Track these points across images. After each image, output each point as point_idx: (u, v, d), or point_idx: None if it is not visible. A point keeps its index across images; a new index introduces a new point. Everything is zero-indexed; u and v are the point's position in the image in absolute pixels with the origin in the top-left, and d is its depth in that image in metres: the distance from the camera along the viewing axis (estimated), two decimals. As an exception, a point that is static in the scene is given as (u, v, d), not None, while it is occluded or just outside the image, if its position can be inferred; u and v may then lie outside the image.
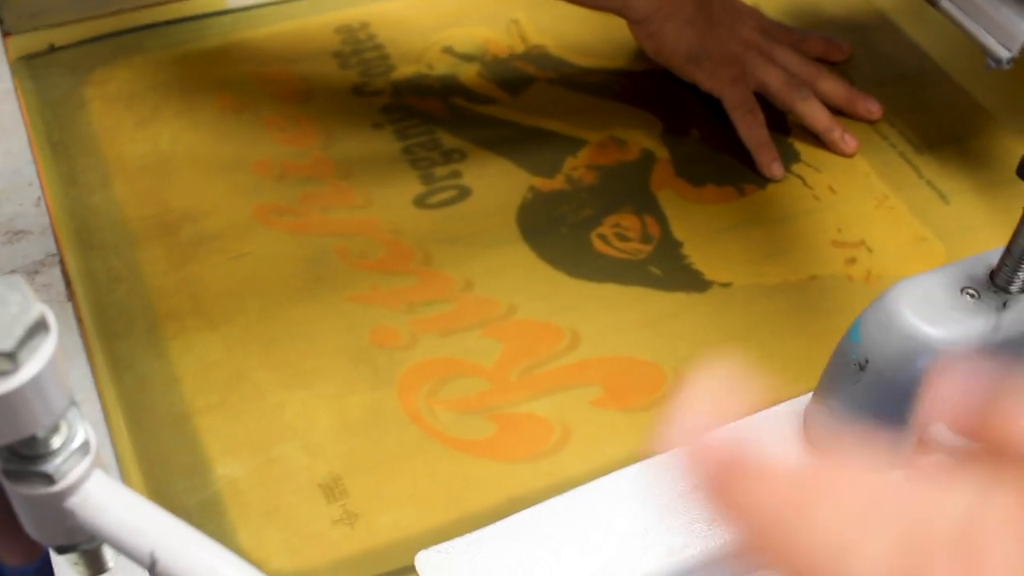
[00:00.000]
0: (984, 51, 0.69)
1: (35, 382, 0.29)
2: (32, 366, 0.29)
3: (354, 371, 0.62)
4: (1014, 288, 0.47)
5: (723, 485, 0.28)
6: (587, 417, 0.61)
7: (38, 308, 0.30)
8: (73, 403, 0.33)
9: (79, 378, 0.58)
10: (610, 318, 0.65)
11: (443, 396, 0.61)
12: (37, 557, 0.36)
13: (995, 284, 0.47)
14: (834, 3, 0.87)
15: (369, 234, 0.69)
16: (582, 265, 0.68)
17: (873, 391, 0.47)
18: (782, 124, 0.77)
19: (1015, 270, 0.46)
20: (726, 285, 0.67)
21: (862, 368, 0.47)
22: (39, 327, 0.30)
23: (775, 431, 0.51)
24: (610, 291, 0.67)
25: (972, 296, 0.47)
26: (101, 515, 0.33)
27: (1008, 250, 0.46)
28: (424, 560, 0.45)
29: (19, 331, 0.29)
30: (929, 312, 0.46)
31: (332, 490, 0.57)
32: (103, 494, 0.33)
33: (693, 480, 0.29)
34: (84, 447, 0.33)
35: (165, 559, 0.32)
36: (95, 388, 0.59)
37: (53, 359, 0.30)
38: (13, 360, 0.29)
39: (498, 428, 0.60)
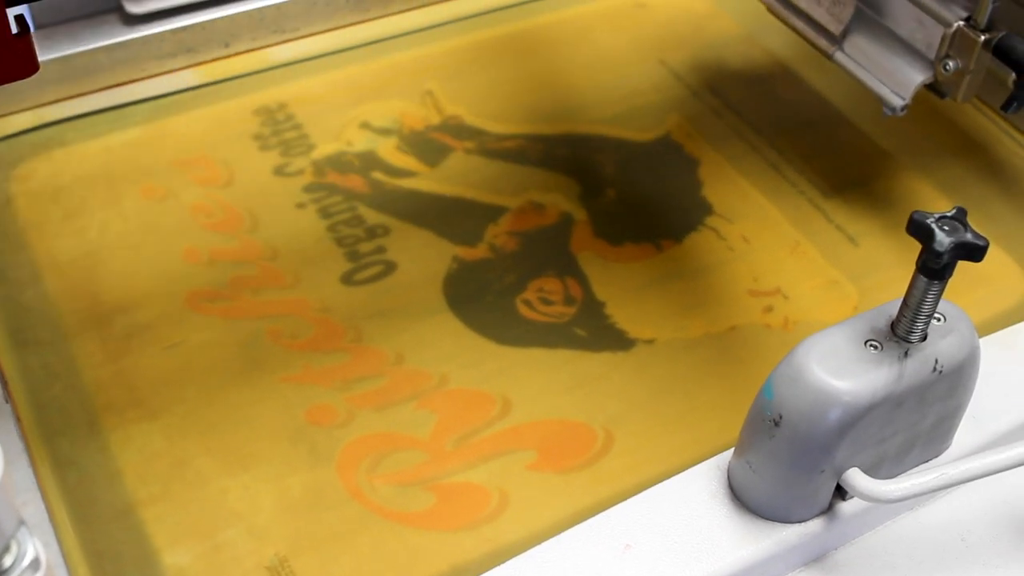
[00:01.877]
0: (880, 100, 0.72)
1: (-15, 510, 0.31)
2: (-19, 495, 0.31)
3: (293, 452, 0.63)
4: (913, 338, 0.49)
5: None
6: (524, 481, 0.62)
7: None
8: (22, 523, 0.34)
9: (21, 478, 0.59)
10: (539, 382, 0.67)
11: (382, 471, 0.63)
12: None
13: (896, 335, 0.50)
14: (737, 57, 0.90)
15: (299, 314, 0.70)
16: (509, 331, 0.70)
17: (788, 445, 0.49)
18: (692, 173, 0.80)
19: (913, 321, 0.49)
20: (650, 341, 0.70)
21: (777, 424, 0.49)
22: (-15, 456, 0.31)
23: (701, 487, 0.53)
24: (538, 355, 0.69)
25: (875, 348, 0.49)
26: (55, 629, 0.34)
27: (905, 302, 0.49)
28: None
29: (-33, 462, 0.31)
30: (835, 366, 0.49)
31: (279, 572, 0.58)
32: (56, 608, 0.34)
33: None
34: (34, 564, 0.34)
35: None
36: (38, 487, 0.60)
37: (2, 486, 0.31)
38: (-37, 490, 0.30)
39: (437, 499, 0.62)
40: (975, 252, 0.47)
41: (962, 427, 0.56)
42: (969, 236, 0.47)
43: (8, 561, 0.33)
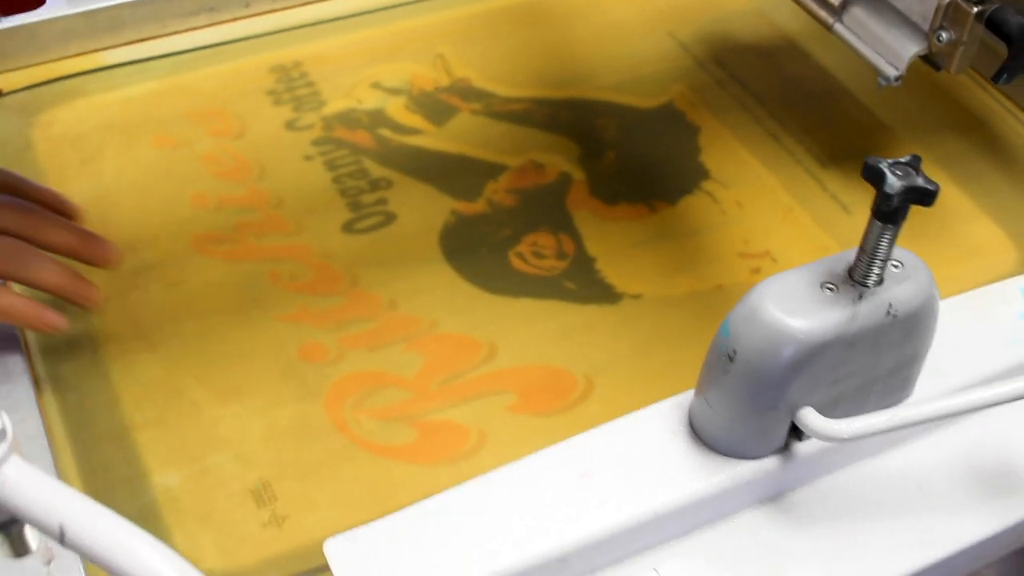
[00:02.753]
0: (875, 70, 0.74)
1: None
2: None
3: (283, 385, 0.66)
4: (869, 282, 0.51)
5: None
6: (503, 422, 0.65)
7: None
8: (-11, 396, 0.37)
9: (23, 396, 0.62)
10: (526, 331, 0.70)
11: (367, 406, 0.65)
12: None
13: (852, 279, 0.51)
14: (744, 29, 0.92)
15: (299, 259, 0.73)
16: (500, 282, 0.72)
17: (742, 379, 0.51)
18: (691, 140, 0.82)
19: (868, 265, 0.51)
20: (637, 297, 0.72)
21: (732, 359, 0.51)
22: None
23: (662, 423, 0.55)
24: (527, 306, 0.71)
25: (831, 290, 0.51)
26: (16, 494, 0.37)
27: (862, 247, 0.51)
28: (332, 547, 0.49)
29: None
30: (790, 306, 0.50)
31: (262, 495, 0.61)
32: (18, 476, 0.37)
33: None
34: (1, 434, 0.37)
35: (73, 530, 0.36)
36: (37, 405, 0.63)
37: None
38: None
39: (419, 434, 0.64)
40: (925, 196, 0.48)
41: (924, 380, 0.57)
42: (920, 180, 0.48)
43: (-26, 430, 0.36)
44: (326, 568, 0.54)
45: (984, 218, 0.78)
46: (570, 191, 0.78)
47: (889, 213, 0.49)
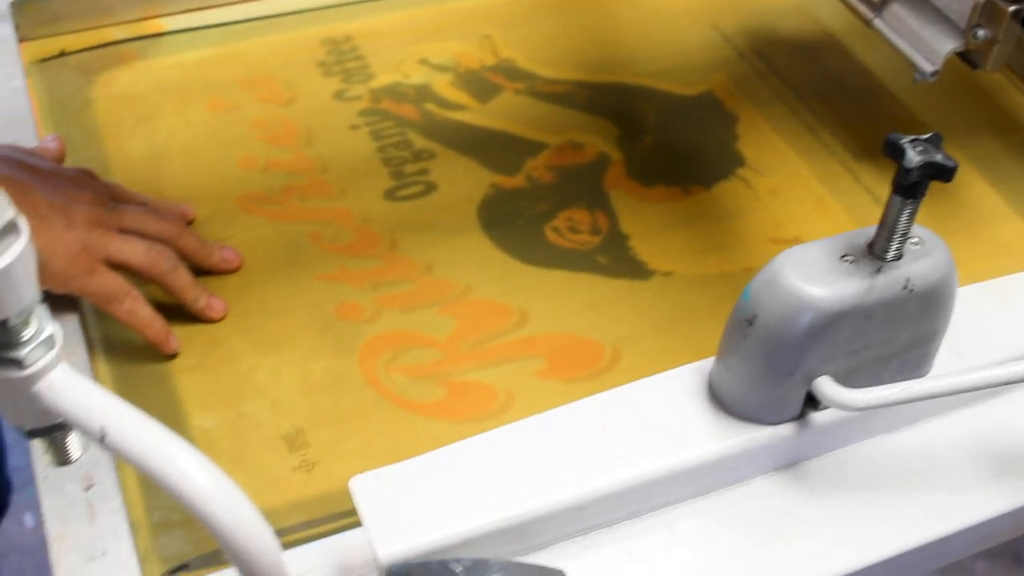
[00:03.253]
0: (912, 65, 0.75)
1: (5, 273, 0.36)
2: (2, 260, 0.36)
3: (319, 340, 0.68)
4: (889, 256, 0.53)
5: None
6: (530, 385, 0.67)
7: (11, 212, 0.36)
8: (42, 302, 0.39)
9: (70, 333, 0.65)
10: (557, 300, 0.71)
11: (399, 364, 0.67)
12: None
13: (872, 253, 0.53)
14: (788, 25, 0.93)
15: (341, 222, 0.75)
16: (535, 253, 0.74)
17: (761, 345, 0.53)
18: (729, 128, 0.84)
19: (888, 240, 0.52)
20: (667, 274, 0.74)
21: (751, 323, 0.53)
22: (10, 228, 0.36)
23: (682, 386, 0.57)
24: (559, 277, 0.73)
25: (850, 262, 0.53)
26: (62, 398, 0.39)
27: (882, 223, 0.52)
28: (357, 483, 0.51)
29: (-8, 231, 0.36)
30: (810, 274, 0.52)
31: (294, 441, 0.63)
32: (66, 381, 0.39)
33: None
34: (50, 340, 0.39)
35: (113, 432, 0.38)
36: (85, 345, 0.65)
37: (22, 256, 0.36)
38: (-14, 254, 0.36)
39: (447, 392, 0.66)
40: (943, 172, 0.50)
41: (942, 358, 0.59)
42: (939, 157, 0.50)
43: (27, 334, 0.38)
44: (352, 513, 0.56)
45: (1015, 217, 0.79)
46: (607, 171, 0.80)
47: (908, 187, 0.51)
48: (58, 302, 0.66)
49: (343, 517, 0.60)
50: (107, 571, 0.54)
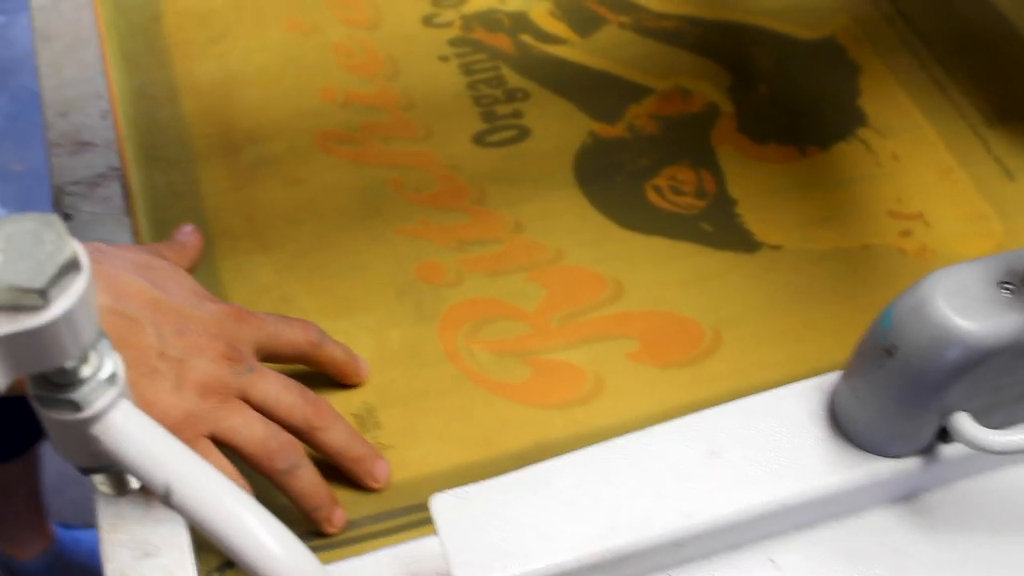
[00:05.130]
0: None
1: (65, 318, 0.31)
2: (62, 303, 0.31)
3: (398, 304, 0.63)
4: (1052, 286, 0.46)
5: None
6: (622, 369, 0.61)
7: (71, 247, 0.31)
8: (103, 335, 0.34)
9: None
10: (655, 272, 0.66)
11: (482, 337, 0.62)
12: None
13: (1034, 280, 0.47)
14: (920, -37, 0.85)
15: (426, 168, 0.69)
16: (633, 215, 0.68)
17: (899, 378, 0.47)
18: (851, 80, 0.76)
19: (1055, 268, 0.46)
20: (776, 247, 0.67)
21: (890, 354, 0.47)
22: (71, 266, 0.31)
23: (800, 406, 0.51)
24: (658, 244, 0.67)
25: (1009, 291, 0.47)
26: (123, 443, 0.34)
27: (1050, 248, 0.46)
28: (439, 504, 0.47)
29: (51, 269, 0.31)
30: (962, 304, 0.46)
31: (365, 421, 0.59)
32: (127, 423, 0.34)
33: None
34: (112, 378, 0.34)
35: (180, 491, 0.33)
36: (146, 302, 0.61)
37: (84, 296, 0.31)
38: (44, 297, 0.31)
39: (533, 373, 0.61)
40: None
41: (1089, 389, 0.53)
42: None
43: (86, 372, 0.34)
44: (424, 507, 0.52)
45: None
46: (716, 124, 0.73)
47: (1091, 218, 0.44)
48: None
49: (416, 511, 0.55)
50: (161, 570, 0.50)
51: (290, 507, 0.54)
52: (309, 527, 0.54)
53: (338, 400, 0.59)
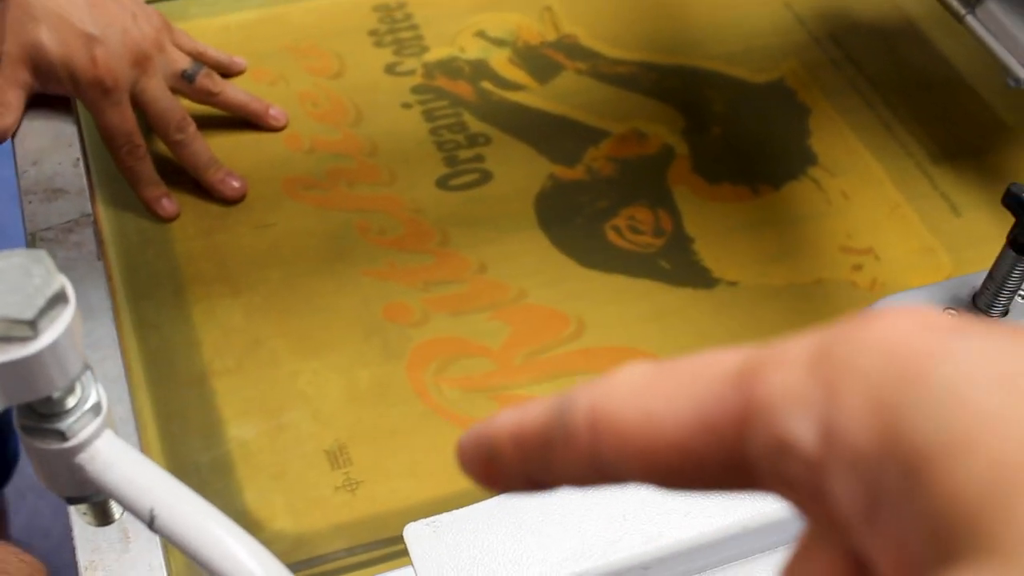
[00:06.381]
0: (1004, 70, 0.70)
1: (52, 349, 0.32)
2: (50, 334, 0.32)
3: (366, 344, 0.65)
4: (995, 312, 0.49)
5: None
6: (586, 403, 0.63)
7: (59, 281, 0.32)
8: (88, 367, 0.35)
9: (103, 336, 0.61)
10: (616, 309, 0.68)
11: (450, 374, 0.64)
12: None
13: (976, 306, 0.49)
14: (866, 8, 0.88)
15: (391, 212, 0.71)
16: (594, 255, 0.70)
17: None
18: (801, 121, 0.79)
19: (996, 295, 0.48)
20: (733, 283, 0.69)
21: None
22: (59, 298, 0.32)
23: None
24: (619, 282, 0.69)
25: (952, 316, 0.49)
26: (108, 472, 0.35)
27: (990, 275, 0.48)
28: (412, 532, 0.48)
29: (40, 302, 0.32)
30: (910, 328, 0.48)
31: (337, 458, 0.60)
32: (111, 452, 0.36)
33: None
34: (96, 408, 0.35)
35: (163, 516, 0.35)
36: (119, 345, 0.62)
37: (70, 328, 0.33)
38: (33, 328, 0.32)
39: (500, 408, 0.62)
40: (1069, 232, 0.46)
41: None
42: (1065, 215, 0.45)
43: (71, 403, 0.35)
44: (396, 540, 0.53)
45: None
46: (672, 165, 0.76)
47: (1028, 245, 0.46)
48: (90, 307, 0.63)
49: (388, 544, 0.57)
50: (140, 606, 0.50)
51: (276, 534, 0.55)
52: (292, 558, 0.55)
53: (309, 438, 0.60)
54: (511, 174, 0.74)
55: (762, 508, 0.51)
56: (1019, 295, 0.50)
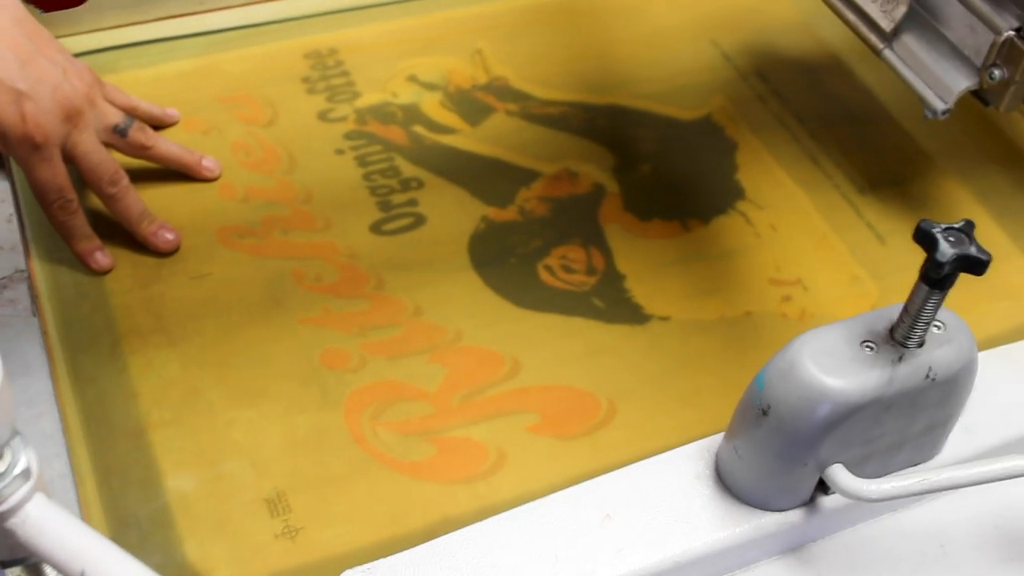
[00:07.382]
0: (922, 102, 0.72)
1: (-22, 419, 0.33)
2: (-25, 405, 0.33)
3: (303, 391, 0.65)
4: (911, 344, 0.50)
5: None
6: (523, 442, 0.64)
7: (-17, 353, 0.33)
8: (17, 433, 0.36)
9: (40, 391, 0.61)
10: (552, 348, 0.69)
11: (386, 418, 0.64)
12: None
13: (893, 339, 0.50)
14: (790, 44, 0.90)
15: (326, 258, 0.72)
16: (528, 295, 0.71)
17: (774, 435, 0.50)
18: (728, 157, 0.81)
19: (912, 327, 0.50)
20: (665, 319, 0.71)
21: (765, 413, 0.50)
22: (-17, 370, 0.33)
23: (688, 467, 0.54)
24: (553, 321, 0.70)
25: (871, 349, 0.50)
26: (39, 536, 0.36)
27: (906, 308, 0.50)
28: (349, 579, 0.49)
29: (-35, 374, 0.32)
30: (828, 364, 0.49)
31: (276, 505, 0.60)
32: (42, 517, 0.36)
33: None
34: (25, 473, 0.36)
35: (94, 579, 0.35)
36: (55, 400, 0.62)
37: (-4, 398, 0.33)
38: (-42, 399, 0.32)
39: (437, 451, 0.63)
40: (977, 266, 0.47)
41: (954, 437, 0.57)
42: (973, 250, 0.47)
43: (1, 467, 0.35)
44: (338, 587, 0.53)
45: (1020, 257, 0.77)
46: (603, 203, 0.77)
47: (938, 280, 0.48)
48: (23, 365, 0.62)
49: (329, 591, 0.57)
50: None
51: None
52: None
53: (248, 487, 0.61)
54: (444, 217, 0.75)
55: (697, 544, 0.52)
56: (934, 326, 0.51)
